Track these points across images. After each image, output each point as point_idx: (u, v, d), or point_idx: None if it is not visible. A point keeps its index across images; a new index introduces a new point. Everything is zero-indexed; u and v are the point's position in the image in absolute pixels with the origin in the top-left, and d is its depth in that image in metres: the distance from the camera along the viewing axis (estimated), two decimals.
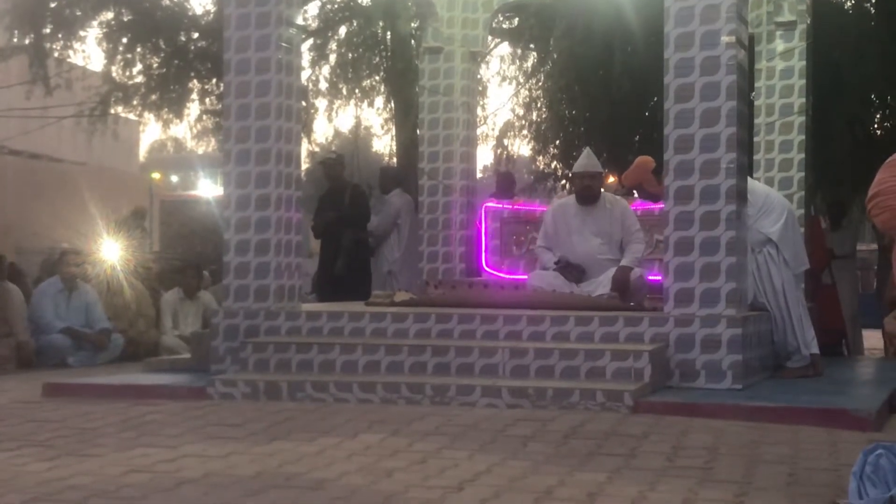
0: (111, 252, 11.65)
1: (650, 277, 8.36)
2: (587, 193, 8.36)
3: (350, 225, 10.95)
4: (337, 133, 30.63)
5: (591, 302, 7.74)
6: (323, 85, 18.75)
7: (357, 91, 18.63)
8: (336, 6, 17.73)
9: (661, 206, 7.83)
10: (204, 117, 19.25)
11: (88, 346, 9.78)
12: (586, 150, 8.56)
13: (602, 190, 8.76)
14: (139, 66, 17.63)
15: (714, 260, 6.80)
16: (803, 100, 9.59)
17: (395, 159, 17.86)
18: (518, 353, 6.67)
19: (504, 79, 20.70)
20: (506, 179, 11.99)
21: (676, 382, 6.73)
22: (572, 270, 8.24)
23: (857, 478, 3.64)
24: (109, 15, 17.30)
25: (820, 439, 5.33)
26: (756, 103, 9.72)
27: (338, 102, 19.20)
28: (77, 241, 12.76)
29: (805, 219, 9.49)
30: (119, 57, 17.39)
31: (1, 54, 17.28)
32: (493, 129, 21.64)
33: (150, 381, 7.35)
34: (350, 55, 17.56)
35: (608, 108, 14.07)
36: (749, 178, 7.60)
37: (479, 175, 11.76)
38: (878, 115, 14.79)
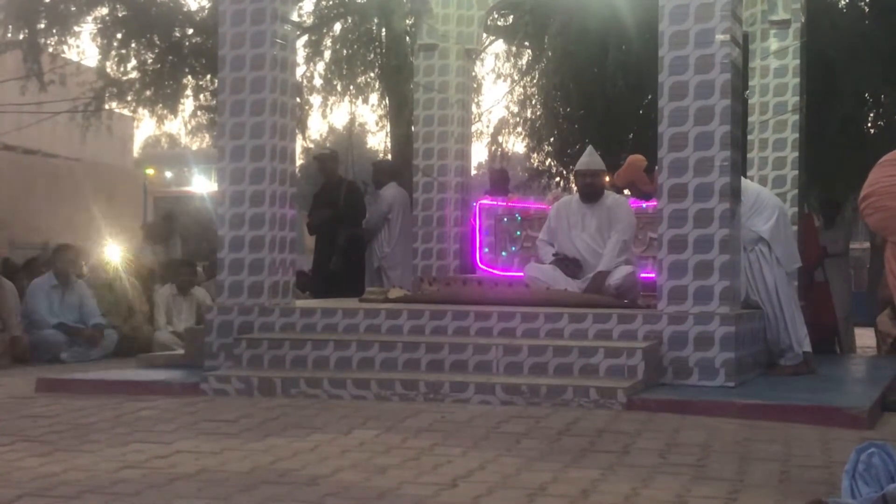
0: (112, 250, 11.65)
1: (644, 275, 8.37)
2: (589, 191, 8.39)
3: (345, 222, 10.95)
4: (331, 129, 30.59)
5: (585, 299, 7.76)
6: (317, 81, 18.72)
7: (352, 88, 18.60)
8: (331, 3, 17.70)
9: (654, 204, 7.85)
10: (198, 113, 19.22)
11: (82, 342, 9.77)
12: (589, 148, 8.57)
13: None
14: (133, 62, 17.58)
15: (708, 258, 6.82)
16: (797, 98, 9.62)
17: (389, 156, 17.84)
18: (512, 350, 6.68)
19: (499, 76, 20.70)
20: (500, 176, 11.99)
21: (670, 379, 6.74)
22: (569, 264, 8.27)
23: (849, 476, 3.65)
24: (104, 10, 17.26)
25: (812, 437, 5.35)
26: (750, 101, 9.75)
27: (332, 99, 19.17)
28: (71, 236, 12.76)
29: (798, 216, 9.51)
30: (113, 52, 17.34)
31: None
32: (487, 127, 21.65)
33: (144, 377, 7.35)
34: (345, 52, 17.52)
35: (602, 106, 14.10)
36: (741, 177, 7.62)
37: (473, 172, 11.77)
38: (871, 114, 14.84)
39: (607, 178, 9.18)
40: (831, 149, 12.73)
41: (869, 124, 14.85)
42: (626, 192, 9.37)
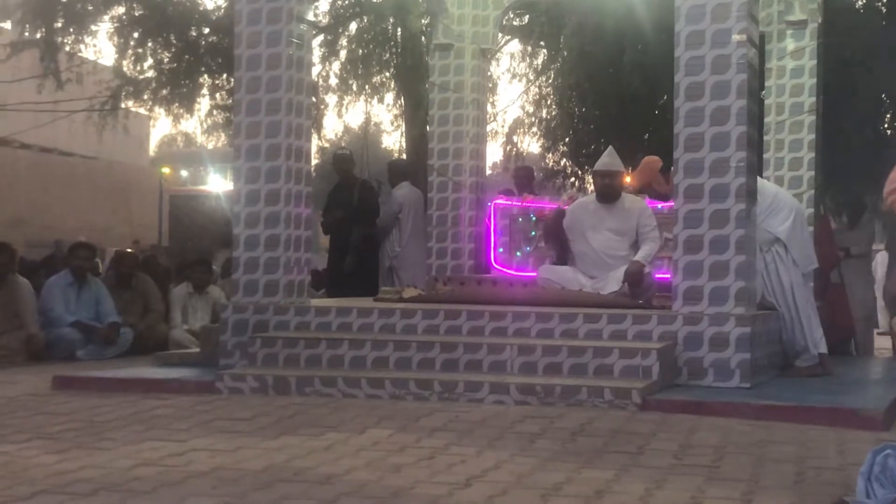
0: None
1: (659, 275, 8.36)
2: (606, 191, 8.39)
3: (359, 221, 10.96)
4: (347, 129, 30.67)
5: (600, 299, 7.75)
6: (333, 81, 18.79)
7: (367, 87, 18.65)
8: (347, 2, 17.76)
9: (670, 205, 7.83)
10: (214, 112, 19.31)
11: (98, 340, 9.80)
12: (609, 149, 8.57)
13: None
14: (150, 61, 17.68)
15: (723, 258, 6.80)
16: (814, 99, 9.59)
17: (404, 155, 17.87)
18: (526, 350, 6.68)
19: (514, 76, 20.74)
20: (525, 174, 11.99)
21: (684, 380, 6.73)
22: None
23: (864, 478, 3.64)
24: (121, 10, 17.36)
25: (828, 438, 5.33)
26: (766, 102, 9.72)
27: (348, 98, 19.24)
28: (87, 234, 12.81)
29: (815, 217, 9.48)
30: (130, 52, 17.44)
31: (13, 48, 17.34)
32: (502, 126, 21.70)
33: (160, 375, 7.37)
34: (360, 51, 17.58)
35: (618, 106, 14.10)
36: (758, 178, 7.59)
37: (488, 172, 11.77)
38: (888, 115, 14.79)
39: (628, 179, 9.15)
40: (848, 149, 12.68)
41: (885, 125, 14.81)
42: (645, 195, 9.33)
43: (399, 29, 16.61)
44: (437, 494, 4.01)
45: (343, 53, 18.18)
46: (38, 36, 16.93)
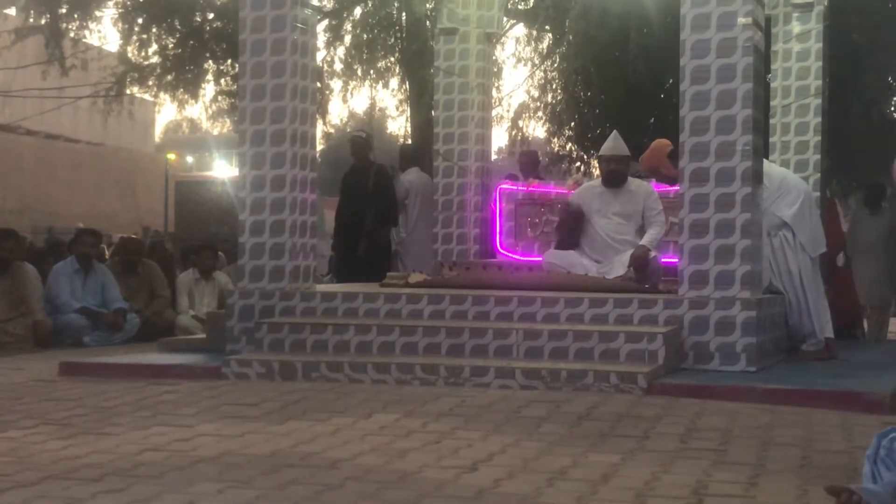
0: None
1: (665, 260, 8.35)
2: (613, 176, 8.39)
3: (375, 206, 10.84)
4: (352, 114, 30.65)
5: (606, 284, 7.75)
6: (338, 66, 18.75)
7: (372, 72, 18.61)
8: None
9: (676, 189, 7.82)
10: (219, 98, 19.27)
11: (104, 326, 9.81)
12: (613, 133, 8.56)
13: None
14: (155, 47, 17.64)
15: (729, 242, 6.80)
16: (819, 82, 9.56)
17: (409, 141, 17.85)
18: (532, 335, 6.68)
19: (519, 60, 20.69)
20: (530, 158, 11.97)
21: (690, 364, 6.73)
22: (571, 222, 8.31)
23: (871, 461, 3.63)
24: None
25: (834, 422, 5.33)
26: (772, 85, 9.70)
27: (353, 83, 19.20)
28: (93, 220, 12.81)
29: (821, 201, 9.47)
30: (135, 37, 17.40)
31: (17, 34, 17.32)
32: (507, 111, 21.66)
33: (166, 361, 7.38)
34: (365, 36, 17.53)
35: (623, 90, 14.06)
36: (766, 161, 7.57)
37: (493, 157, 11.75)
38: (894, 98, 14.75)
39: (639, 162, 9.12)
40: (854, 133, 12.65)
41: (892, 108, 14.76)
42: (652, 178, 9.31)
43: (404, 13, 16.58)
44: (444, 479, 4.02)
45: (348, 38, 18.13)
46: (43, 22, 16.90)
